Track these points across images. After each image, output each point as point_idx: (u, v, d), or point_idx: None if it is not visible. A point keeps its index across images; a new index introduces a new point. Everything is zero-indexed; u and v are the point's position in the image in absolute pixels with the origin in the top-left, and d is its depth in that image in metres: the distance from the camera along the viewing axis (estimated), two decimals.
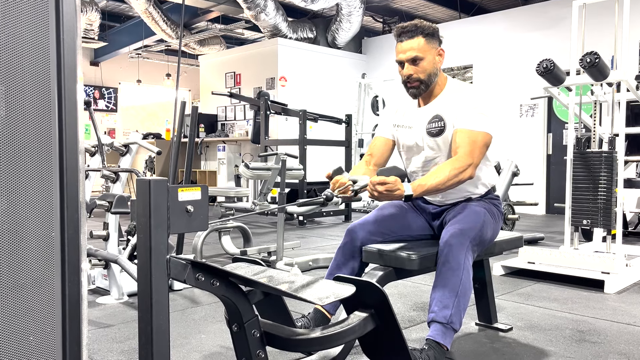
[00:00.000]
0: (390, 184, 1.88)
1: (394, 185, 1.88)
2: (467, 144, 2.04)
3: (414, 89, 2.15)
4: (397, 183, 1.89)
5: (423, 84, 2.13)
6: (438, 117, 2.15)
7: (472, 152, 2.03)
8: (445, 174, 1.98)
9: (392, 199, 1.93)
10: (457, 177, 1.99)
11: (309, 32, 9.76)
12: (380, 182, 1.88)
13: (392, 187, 1.88)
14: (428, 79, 2.13)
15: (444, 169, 2.00)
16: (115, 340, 2.36)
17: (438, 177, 1.98)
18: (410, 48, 2.09)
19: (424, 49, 2.10)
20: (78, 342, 0.94)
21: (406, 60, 2.11)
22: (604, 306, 2.94)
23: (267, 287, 1.44)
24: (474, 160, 2.03)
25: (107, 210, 3.08)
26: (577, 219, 3.69)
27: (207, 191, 1.36)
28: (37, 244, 0.89)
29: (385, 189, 1.88)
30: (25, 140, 0.88)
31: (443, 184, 1.98)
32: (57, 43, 0.91)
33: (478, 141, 2.05)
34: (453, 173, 1.98)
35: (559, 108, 8.00)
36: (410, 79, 2.12)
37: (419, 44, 2.09)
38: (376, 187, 1.88)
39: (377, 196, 1.90)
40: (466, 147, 2.04)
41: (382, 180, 1.88)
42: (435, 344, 1.87)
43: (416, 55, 2.09)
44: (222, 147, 9.43)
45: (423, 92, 2.16)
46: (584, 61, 3.38)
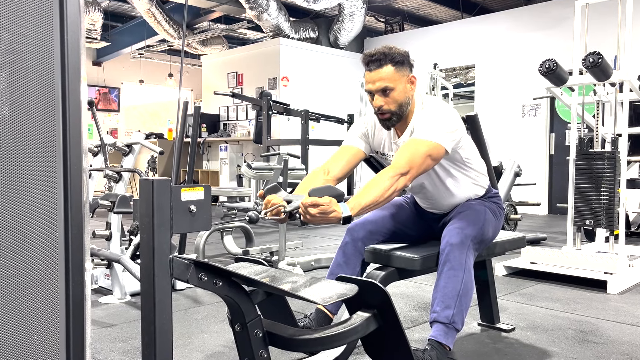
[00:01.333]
0: (324, 206, 1.70)
1: (328, 207, 1.71)
2: (407, 152, 1.92)
3: (386, 121, 2.05)
4: (331, 204, 1.72)
5: (394, 116, 2.03)
6: None
7: (410, 161, 1.89)
8: (381, 187, 1.84)
9: (328, 222, 1.74)
10: (392, 187, 1.85)
11: (311, 32, 9.76)
12: (313, 204, 1.70)
13: (326, 209, 1.71)
14: (399, 110, 2.02)
15: (379, 180, 1.87)
16: (117, 340, 2.37)
17: (374, 191, 1.84)
18: (380, 78, 1.98)
19: (393, 78, 1.98)
20: (82, 341, 0.94)
21: (375, 91, 2.00)
22: (607, 307, 2.94)
23: (269, 287, 1.44)
24: (410, 170, 1.88)
25: (110, 210, 3.09)
26: (579, 219, 3.69)
27: (210, 191, 1.36)
28: (41, 243, 0.90)
29: (318, 211, 1.71)
30: (29, 140, 0.88)
31: (380, 196, 1.83)
32: (61, 43, 0.91)
33: (420, 150, 1.91)
34: (387, 184, 1.85)
35: (561, 108, 7.99)
36: (382, 110, 2.01)
37: (387, 74, 1.98)
38: (308, 210, 1.71)
39: (310, 219, 1.73)
40: (405, 156, 1.90)
41: (314, 201, 1.70)
42: (438, 344, 1.87)
43: (386, 86, 1.98)
44: (224, 147, 9.44)
45: (395, 122, 2.05)
46: (586, 61, 3.37)
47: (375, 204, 1.85)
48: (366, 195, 1.83)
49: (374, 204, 1.84)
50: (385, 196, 1.85)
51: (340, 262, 2.15)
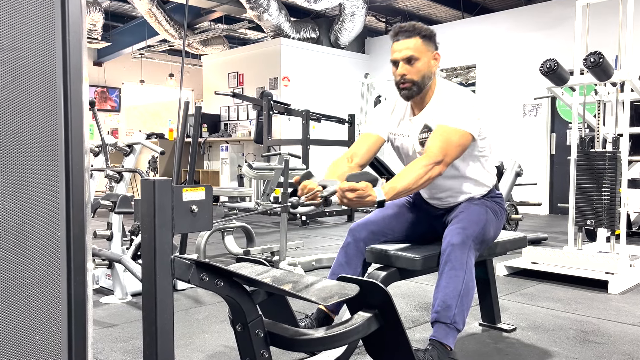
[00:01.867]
0: (361, 190, 1.79)
1: (365, 192, 1.79)
2: (439, 141, 1.97)
3: (406, 90, 2.08)
4: (367, 189, 1.80)
5: (415, 86, 2.07)
6: (427, 127, 2.11)
7: (444, 150, 1.95)
8: (415, 174, 1.91)
9: (363, 205, 1.84)
10: (426, 175, 1.92)
11: (311, 32, 9.76)
12: (350, 189, 1.79)
13: (362, 194, 1.79)
14: (421, 81, 2.07)
15: (414, 167, 1.93)
16: (119, 340, 2.37)
17: (408, 177, 1.90)
18: (406, 47, 2.04)
19: (420, 50, 2.04)
20: (83, 341, 0.94)
21: (401, 59, 2.05)
22: (608, 307, 2.93)
23: (271, 287, 1.44)
24: (444, 158, 1.95)
25: (111, 210, 3.09)
26: (580, 219, 3.68)
27: (211, 191, 1.36)
28: (43, 243, 0.90)
29: (355, 195, 1.79)
30: (31, 141, 0.89)
31: (414, 183, 1.90)
32: (63, 43, 0.91)
33: (452, 139, 1.98)
34: (422, 171, 1.91)
35: (562, 108, 7.99)
36: (404, 79, 2.06)
37: (415, 44, 2.04)
38: (345, 194, 1.79)
39: (347, 203, 1.81)
40: (438, 144, 1.96)
41: (351, 186, 1.79)
42: (439, 344, 1.87)
43: (412, 55, 2.04)
44: (225, 147, 9.44)
45: (415, 94, 2.09)
46: (587, 61, 3.37)
47: (408, 190, 1.93)
48: (401, 181, 1.90)
49: (407, 189, 1.91)
50: (419, 183, 1.92)
51: (342, 262, 2.15)
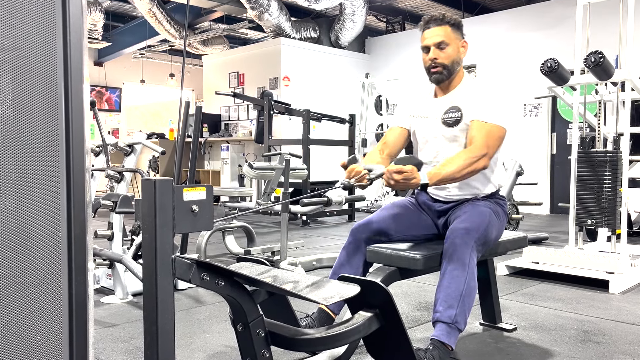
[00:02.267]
0: (407, 173, 1.91)
1: (411, 174, 1.91)
2: (482, 135, 2.08)
3: (437, 74, 2.20)
4: (413, 172, 1.92)
5: (446, 70, 2.19)
6: (456, 107, 2.20)
7: (487, 143, 2.08)
8: (460, 163, 2.02)
9: (409, 187, 1.97)
10: (471, 166, 2.03)
11: (312, 32, 9.75)
12: (397, 171, 1.91)
13: (408, 176, 1.91)
14: (451, 66, 2.19)
15: (459, 158, 2.04)
16: (120, 340, 2.37)
17: (453, 166, 2.02)
18: (437, 34, 2.17)
19: (450, 37, 2.17)
20: (84, 341, 0.94)
21: (432, 45, 2.17)
22: (609, 306, 2.93)
23: (272, 286, 1.44)
24: (488, 151, 2.07)
25: (112, 210, 3.09)
26: (581, 219, 3.68)
27: (212, 191, 1.36)
28: (45, 243, 0.90)
29: (402, 177, 1.91)
30: (32, 141, 0.89)
31: (458, 172, 2.01)
32: (64, 43, 0.91)
33: (493, 133, 2.10)
34: (468, 162, 2.02)
35: (563, 107, 7.98)
36: (435, 63, 2.18)
37: (445, 31, 2.17)
38: (393, 176, 1.92)
39: (394, 185, 1.94)
40: (482, 138, 2.08)
41: (399, 168, 1.92)
42: (440, 343, 1.87)
43: (442, 41, 2.16)
44: (225, 147, 9.44)
45: (445, 78, 2.21)
46: (588, 60, 3.37)
47: (452, 179, 2.03)
48: (446, 168, 2.02)
49: (451, 177, 2.02)
50: (462, 173, 2.03)
51: (343, 262, 2.15)
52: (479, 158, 2.04)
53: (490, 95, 2.17)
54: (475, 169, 2.04)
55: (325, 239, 5.49)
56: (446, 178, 2.01)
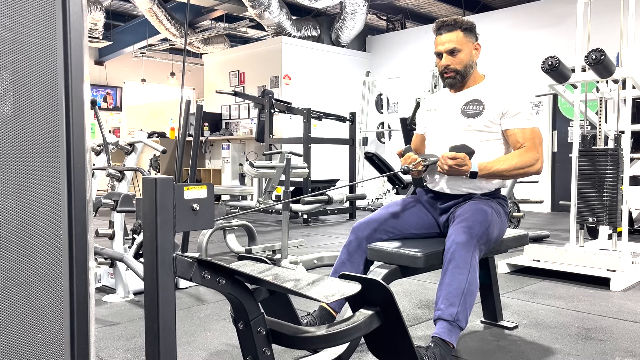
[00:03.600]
0: (460, 159, 2.03)
1: (463, 161, 2.03)
2: (530, 140, 2.17)
3: (450, 79, 2.27)
4: (466, 159, 2.04)
5: (459, 75, 2.25)
6: (477, 101, 2.25)
7: (537, 148, 2.17)
8: (513, 162, 2.12)
9: (459, 173, 2.08)
10: (524, 169, 2.13)
11: (312, 31, 9.75)
12: (452, 157, 2.04)
13: (461, 162, 2.03)
14: (464, 70, 2.25)
15: (513, 157, 2.14)
16: (121, 338, 2.37)
17: (505, 163, 2.12)
18: (449, 40, 2.22)
19: (461, 42, 2.22)
20: (86, 339, 0.95)
21: (445, 52, 2.23)
22: (610, 304, 2.93)
23: (273, 285, 1.44)
24: (540, 156, 2.16)
25: (113, 208, 3.09)
26: (582, 217, 3.68)
27: (212, 189, 1.36)
28: (46, 242, 0.90)
29: (455, 163, 2.03)
30: (33, 140, 0.89)
31: (509, 171, 2.12)
32: (64, 42, 0.91)
33: (537, 137, 2.19)
34: (520, 164, 2.12)
35: (564, 105, 7.97)
36: (447, 69, 2.24)
37: (457, 37, 2.22)
38: (447, 161, 2.04)
39: (447, 170, 2.06)
40: (530, 143, 2.16)
41: (453, 155, 2.04)
42: (441, 341, 1.87)
43: (454, 47, 2.21)
44: (226, 145, 9.44)
45: (459, 82, 2.27)
46: (589, 58, 3.36)
47: (501, 175, 2.14)
48: (498, 164, 2.12)
49: (501, 173, 2.13)
50: (513, 173, 2.15)
51: (344, 260, 2.15)
52: (533, 162, 2.13)
53: (523, 99, 2.23)
54: (528, 171, 2.15)
55: (326, 237, 5.49)
56: (496, 173, 2.11)
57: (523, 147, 2.17)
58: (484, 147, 2.22)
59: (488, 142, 2.23)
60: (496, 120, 2.21)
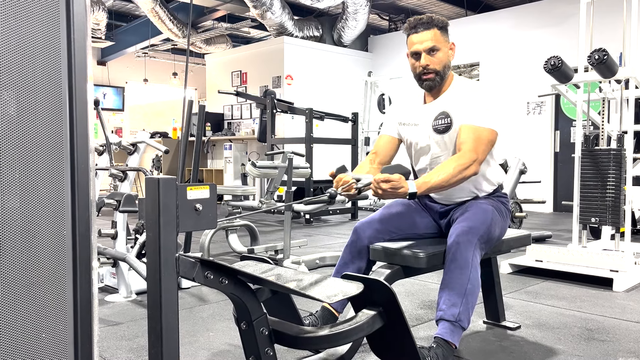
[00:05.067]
0: (395, 182, 1.88)
1: (398, 183, 1.88)
2: (471, 140, 2.03)
3: (429, 81, 2.14)
4: (401, 181, 1.89)
5: (438, 76, 2.13)
6: (444, 113, 2.15)
7: (477, 148, 2.03)
8: (449, 171, 1.97)
9: (397, 196, 1.93)
10: (461, 174, 1.98)
11: (315, 31, 9.75)
12: (385, 180, 1.88)
13: (396, 185, 1.88)
14: (443, 71, 2.13)
15: (448, 165, 2.00)
16: (124, 338, 2.37)
17: (442, 174, 1.97)
18: (427, 39, 2.10)
19: (439, 40, 2.11)
20: (89, 339, 0.95)
21: (423, 50, 2.10)
22: (613, 304, 2.93)
23: (276, 285, 1.44)
24: (478, 157, 2.02)
25: (116, 208, 3.10)
26: (585, 217, 3.67)
27: (215, 190, 1.37)
28: (50, 242, 0.90)
29: (389, 186, 1.88)
30: (37, 140, 0.89)
31: (447, 181, 1.97)
32: (68, 43, 0.92)
33: (483, 137, 2.05)
34: (457, 170, 1.97)
35: (566, 105, 7.96)
36: (427, 70, 2.11)
37: (435, 35, 2.10)
38: (380, 185, 1.89)
39: (381, 194, 1.90)
40: (470, 143, 2.03)
41: (386, 177, 1.89)
42: (444, 342, 1.87)
43: (433, 46, 2.10)
44: (228, 145, 9.45)
45: (438, 84, 2.15)
46: (592, 58, 3.36)
47: (441, 187, 1.99)
48: (434, 177, 1.98)
49: (439, 186, 1.98)
50: (452, 181, 1.98)
51: (347, 260, 2.15)
52: (468, 165, 1.99)
53: (480, 97, 2.10)
54: (464, 176, 2.00)
55: (329, 237, 5.49)
56: (435, 187, 1.98)
57: (462, 147, 2.04)
58: None
59: None
60: None
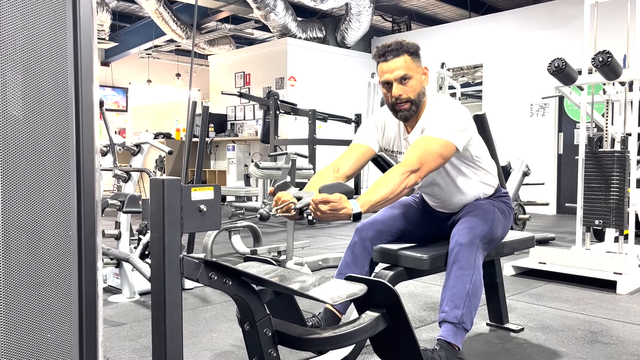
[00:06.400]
0: (334, 203, 1.72)
1: (339, 204, 1.73)
2: (418, 149, 1.92)
3: (404, 112, 2.02)
4: (342, 201, 1.73)
5: (413, 105, 2.01)
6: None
7: (421, 158, 1.89)
8: (391, 184, 1.85)
9: (338, 218, 1.77)
10: (402, 184, 1.85)
11: (318, 32, 9.76)
12: (323, 201, 1.72)
13: (336, 206, 1.72)
14: (417, 99, 2.02)
15: (390, 177, 1.87)
16: (127, 339, 2.38)
17: (384, 188, 1.84)
18: (398, 67, 1.98)
19: (411, 67, 2.00)
20: (94, 339, 0.95)
21: (394, 80, 1.99)
22: (616, 307, 2.92)
23: (279, 286, 1.44)
24: (421, 167, 1.89)
25: (119, 209, 3.10)
26: (588, 219, 3.67)
27: (219, 191, 1.37)
28: (55, 242, 0.90)
29: (328, 208, 1.72)
30: (43, 141, 0.89)
31: (390, 193, 1.84)
32: (74, 44, 0.92)
33: (433, 148, 1.91)
34: (398, 181, 1.85)
35: (570, 107, 7.95)
36: (400, 100, 2.00)
37: (405, 62, 1.99)
38: (319, 207, 1.73)
39: (320, 216, 1.74)
40: (416, 153, 1.91)
41: (324, 198, 1.72)
42: (447, 344, 1.87)
43: (405, 74, 1.98)
44: (231, 146, 9.46)
45: (414, 113, 2.03)
46: (596, 60, 3.35)
47: (385, 201, 1.85)
48: (376, 192, 1.83)
49: (383, 200, 1.84)
50: (395, 193, 1.85)
51: (349, 261, 2.15)
52: (408, 174, 1.86)
53: (443, 111, 2.01)
54: (406, 186, 1.86)
55: (331, 238, 5.49)
56: (379, 202, 1.83)
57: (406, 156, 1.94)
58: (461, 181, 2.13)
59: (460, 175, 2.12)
60: None
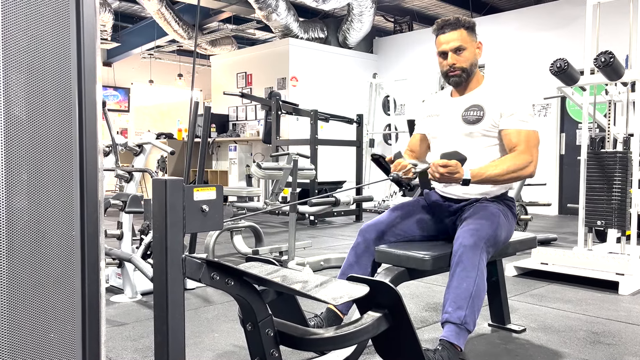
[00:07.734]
0: (452, 167, 1.94)
1: (455, 168, 1.94)
2: (524, 142, 2.12)
3: (456, 77, 2.23)
4: (458, 166, 1.95)
5: (465, 73, 2.22)
6: (478, 106, 2.22)
7: (531, 150, 2.12)
8: (505, 167, 2.05)
9: (451, 181, 2.00)
10: (516, 173, 2.07)
11: (320, 32, 9.76)
12: (443, 165, 1.95)
13: (453, 170, 1.94)
14: (470, 68, 2.23)
15: (505, 161, 2.08)
16: (129, 339, 2.38)
17: (498, 168, 2.05)
18: (454, 39, 2.19)
19: (466, 40, 2.20)
20: (97, 339, 0.95)
21: (450, 50, 2.20)
22: (619, 307, 2.91)
23: (281, 286, 1.44)
24: (533, 159, 2.11)
25: (121, 209, 3.11)
26: (591, 220, 3.66)
27: (222, 191, 1.37)
28: (58, 242, 0.91)
29: (446, 171, 1.94)
30: (46, 141, 0.90)
31: (501, 175, 2.05)
32: (78, 45, 0.92)
33: (532, 140, 2.14)
34: (513, 168, 2.06)
35: (572, 108, 7.94)
36: (454, 68, 2.21)
37: (461, 35, 2.19)
38: (438, 169, 1.96)
39: (439, 178, 1.97)
40: (524, 145, 2.12)
41: (444, 162, 1.95)
42: (449, 344, 1.87)
43: (460, 45, 2.19)
44: (233, 147, 9.46)
45: (464, 80, 2.24)
46: (598, 60, 3.35)
47: (495, 180, 2.07)
48: (490, 169, 2.05)
49: (493, 179, 2.06)
50: (506, 177, 2.07)
51: (352, 262, 2.15)
52: (525, 165, 2.08)
53: (522, 100, 2.19)
54: (520, 175, 2.10)
55: (333, 239, 5.49)
56: (489, 179, 2.05)
57: (516, 149, 2.13)
58: (487, 152, 2.21)
59: (491, 148, 2.22)
60: (497, 125, 2.19)
